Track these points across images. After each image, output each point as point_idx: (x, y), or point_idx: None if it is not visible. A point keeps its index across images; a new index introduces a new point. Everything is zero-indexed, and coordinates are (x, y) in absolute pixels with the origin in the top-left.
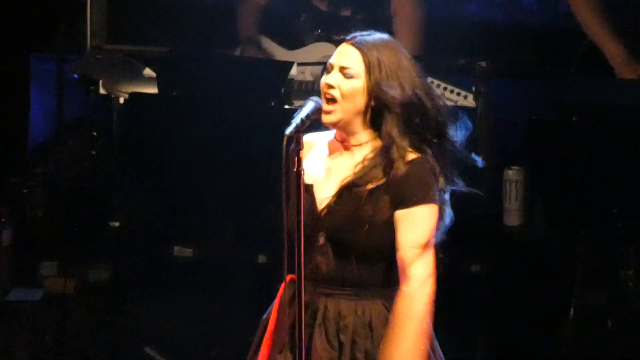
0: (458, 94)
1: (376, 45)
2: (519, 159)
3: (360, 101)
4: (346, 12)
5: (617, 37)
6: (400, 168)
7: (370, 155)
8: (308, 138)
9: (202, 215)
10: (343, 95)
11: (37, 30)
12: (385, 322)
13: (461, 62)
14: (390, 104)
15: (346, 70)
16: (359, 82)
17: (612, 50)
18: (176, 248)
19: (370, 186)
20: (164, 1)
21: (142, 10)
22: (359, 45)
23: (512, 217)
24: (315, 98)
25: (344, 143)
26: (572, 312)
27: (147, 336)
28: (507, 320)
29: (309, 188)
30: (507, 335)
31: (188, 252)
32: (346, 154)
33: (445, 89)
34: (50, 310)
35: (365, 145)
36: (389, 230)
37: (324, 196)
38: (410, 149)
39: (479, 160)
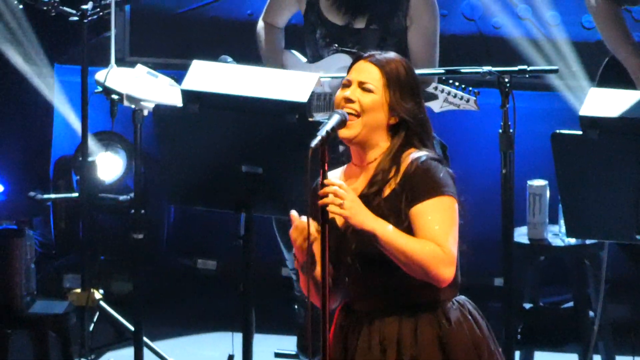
0: (461, 98)
1: (394, 62)
2: (543, 172)
3: (380, 116)
4: (360, 25)
5: (637, 51)
6: (410, 167)
7: (380, 165)
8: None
9: (225, 228)
10: (363, 109)
11: (62, 42)
12: (430, 324)
13: (485, 76)
14: (407, 118)
15: (365, 84)
16: (378, 97)
17: (631, 63)
18: (200, 261)
19: (385, 194)
20: (186, 14)
21: (164, 23)
22: (377, 63)
23: (536, 230)
24: (340, 111)
25: (361, 164)
26: (596, 326)
27: (171, 348)
28: (529, 333)
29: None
30: (529, 348)
31: (212, 264)
32: (363, 173)
33: (449, 93)
34: (73, 323)
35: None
36: (411, 232)
37: None
38: (413, 149)
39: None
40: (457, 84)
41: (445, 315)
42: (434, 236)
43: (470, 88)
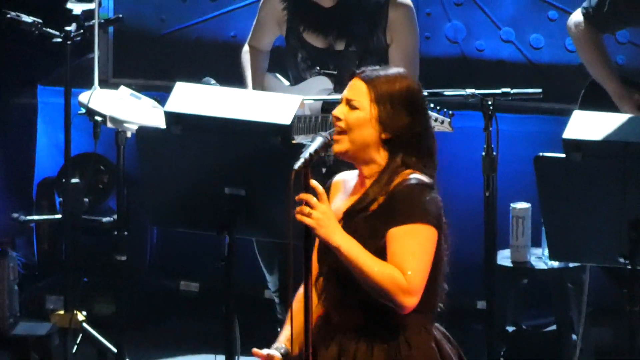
0: (435, 120)
1: (386, 77)
2: (526, 195)
3: (369, 132)
4: (340, 47)
5: (616, 74)
6: (396, 188)
7: (374, 184)
8: (342, 176)
9: (208, 250)
10: (349, 126)
11: (45, 64)
12: (388, 346)
13: (468, 98)
14: (399, 133)
15: (351, 102)
16: (364, 114)
17: (611, 87)
18: (182, 282)
19: (369, 211)
20: (169, 36)
21: (148, 45)
22: (366, 79)
23: (519, 253)
24: (323, 133)
25: (362, 178)
26: (578, 349)
27: None
28: (511, 356)
29: None
30: None
31: (194, 286)
32: (362, 188)
33: None
34: (56, 344)
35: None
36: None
37: None
38: (410, 170)
39: None
40: (432, 105)
41: (407, 340)
42: (401, 262)
43: (445, 109)
